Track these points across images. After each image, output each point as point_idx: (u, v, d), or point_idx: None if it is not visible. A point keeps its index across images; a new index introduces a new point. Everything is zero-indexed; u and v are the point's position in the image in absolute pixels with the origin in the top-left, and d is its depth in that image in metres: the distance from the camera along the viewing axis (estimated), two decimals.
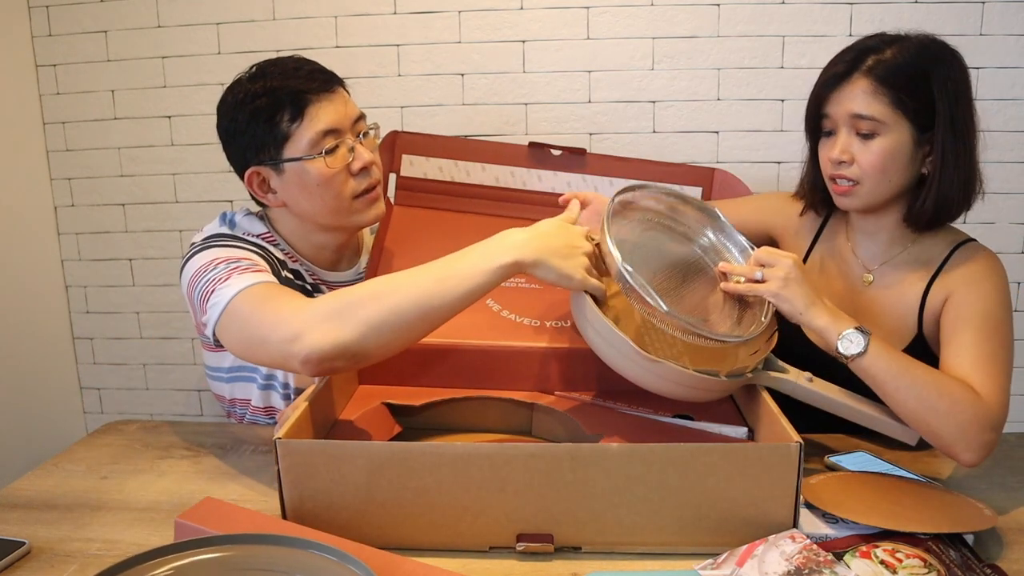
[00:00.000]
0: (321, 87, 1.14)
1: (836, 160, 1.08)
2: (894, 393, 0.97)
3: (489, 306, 1.20)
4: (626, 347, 0.94)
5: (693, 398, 0.99)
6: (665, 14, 1.77)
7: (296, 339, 0.94)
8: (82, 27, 1.88)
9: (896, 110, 1.03)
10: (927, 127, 1.04)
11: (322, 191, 1.15)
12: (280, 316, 0.98)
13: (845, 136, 1.07)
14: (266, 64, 1.17)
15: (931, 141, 1.05)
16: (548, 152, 1.44)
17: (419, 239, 1.34)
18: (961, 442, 0.96)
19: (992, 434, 0.97)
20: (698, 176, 1.43)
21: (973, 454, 0.96)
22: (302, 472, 0.85)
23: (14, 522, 0.96)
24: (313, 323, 0.94)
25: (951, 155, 1.04)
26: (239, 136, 1.16)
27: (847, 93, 1.05)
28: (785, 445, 0.82)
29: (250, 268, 1.08)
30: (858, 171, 1.07)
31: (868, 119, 1.04)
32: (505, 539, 0.86)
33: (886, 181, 1.07)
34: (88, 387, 2.11)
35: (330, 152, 1.14)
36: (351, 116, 1.17)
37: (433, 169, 1.44)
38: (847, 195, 1.09)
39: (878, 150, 1.05)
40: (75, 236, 2.01)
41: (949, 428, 0.96)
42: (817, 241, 1.24)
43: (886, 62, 1.04)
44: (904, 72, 1.03)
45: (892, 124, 1.04)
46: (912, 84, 1.03)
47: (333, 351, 0.93)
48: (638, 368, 0.95)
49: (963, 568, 0.79)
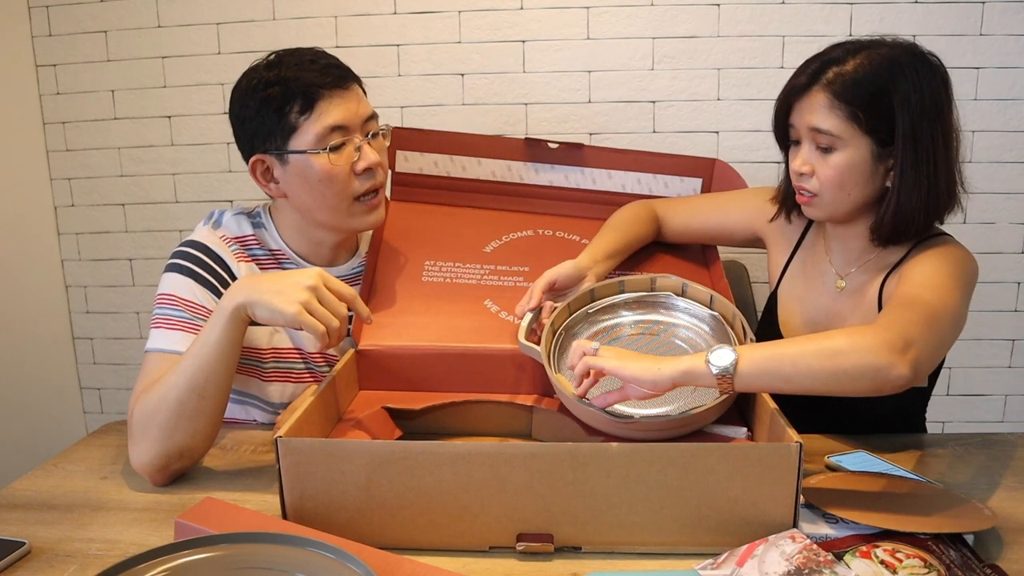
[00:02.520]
0: (335, 83, 1.14)
1: (797, 172, 1.08)
2: (792, 389, 0.88)
3: (487, 307, 1.20)
4: (597, 414, 0.96)
5: (690, 431, 0.99)
6: (665, 14, 1.77)
7: (130, 455, 1.04)
8: (82, 27, 1.88)
9: (852, 125, 1.02)
10: (887, 142, 1.03)
11: (323, 187, 1.15)
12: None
13: (807, 148, 1.07)
14: (284, 53, 1.16)
15: (893, 155, 1.03)
16: (545, 146, 1.42)
17: (416, 235, 1.34)
18: (874, 368, 0.86)
19: (901, 341, 0.87)
20: (697, 167, 1.41)
21: (895, 369, 0.86)
22: (303, 471, 0.85)
23: (14, 522, 0.96)
24: (131, 445, 1.04)
25: (911, 171, 1.02)
26: (248, 122, 1.16)
27: (807, 105, 1.04)
28: (785, 445, 0.82)
29: (176, 325, 1.12)
30: (816, 184, 1.07)
31: (825, 134, 1.03)
32: (505, 539, 0.86)
33: (844, 195, 1.06)
34: (88, 387, 2.11)
35: (336, 149, 1.14)
36: (362, 115, 1.16)
37: (428, 164, 1.43)
38: (808, 206, 1.10)
39: (835, 165, 1.04)
40: (75, 236, 2.01)
41: (854, 369, 0.86)
42: (799, 246, 1.25)
43: (844, 76, 1.02)
44: (862, 87, 1.01)
45: (849, 139, 1.02)
46: (870, 100, 1.01)
47: (156, 464, 1.02)
48: (619, 430, 0.97)
49: (963, 568, 0.79)
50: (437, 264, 1.29)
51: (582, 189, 1.42)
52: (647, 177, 1.41)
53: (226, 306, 1.00)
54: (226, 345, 1.01)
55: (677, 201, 1.34)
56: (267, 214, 1.26)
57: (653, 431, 0.97)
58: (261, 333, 1.21)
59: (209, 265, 1.17)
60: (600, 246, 1.21)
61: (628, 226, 1.27)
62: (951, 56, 1.74)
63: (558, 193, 1.42)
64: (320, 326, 0.98)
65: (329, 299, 1.00)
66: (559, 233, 1.38)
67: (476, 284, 1.25)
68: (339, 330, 1.00)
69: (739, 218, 1.28)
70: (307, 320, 0.97)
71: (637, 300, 1.15)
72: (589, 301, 1.14)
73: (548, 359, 1.04)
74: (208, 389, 1.01)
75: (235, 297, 1.00)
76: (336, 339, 1.00)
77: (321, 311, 0.99)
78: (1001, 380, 1.91)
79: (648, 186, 1.41)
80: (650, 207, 1.32)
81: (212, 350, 1.00)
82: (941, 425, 1.93)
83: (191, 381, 1.00)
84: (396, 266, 1.28)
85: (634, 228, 1.27)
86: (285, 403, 1.22)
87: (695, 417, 0.96)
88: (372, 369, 1.14)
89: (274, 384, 1.22)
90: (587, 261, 1.17)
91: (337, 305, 1.00)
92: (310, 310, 0.98)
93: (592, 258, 1.18)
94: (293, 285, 0.99)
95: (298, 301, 0.97)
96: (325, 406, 1.01)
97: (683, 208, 1.32)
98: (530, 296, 1.12)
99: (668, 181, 1.41)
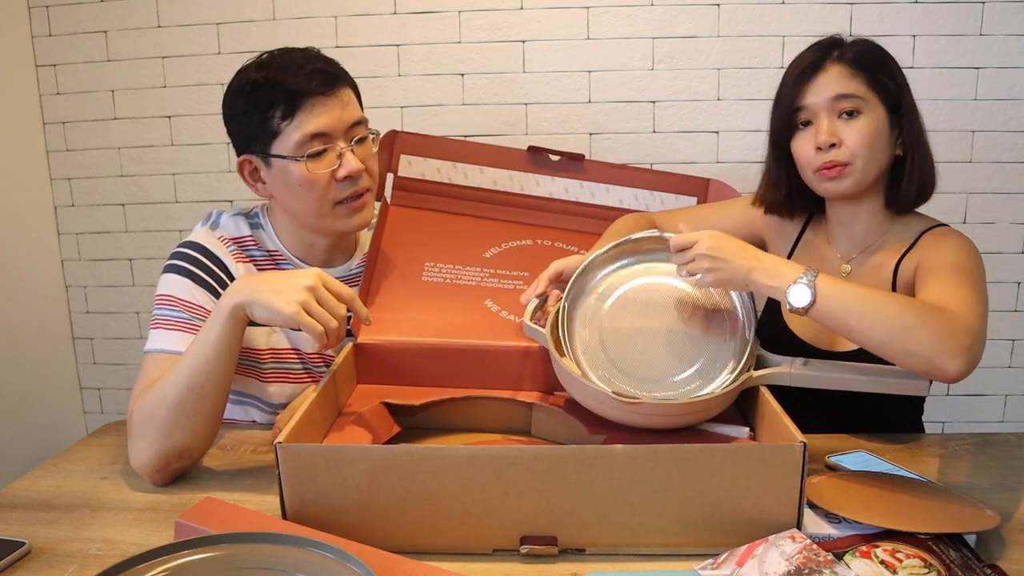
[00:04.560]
0: (319, 89, 1.12)
1: (825, 144, 1.08)
2: (859, 327, 0.93)
3: (488, 306, 1.20)
4: (603, 395, 0.95)
5: (692, 422, 0.99)
6: (665, 14, 1.77)
7: (129, 455, 1.04)
8: (82, 27, 1.88)
9: (872, 90, 1.08)
10: (895, 110, 1.10)
11: (303, 193, 1.15)
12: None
13: (827, 121, 1.09)
14: (275, 54, 1.16)
15: (899, 124, 1.10)
16: (546, 157, 1.44)
17: (415, 240, 1.34)
18: (939, 350, 0.91)
19: (968, 339, 0.92)
20: (693, 185, 1.45)
21: (955, 360, 0.91)
22: (303, 476, 0.84)
23: (14, 522, 0.96)
24: (130, 445, 1.04)
25: (918, 138, 1.10)
26: (236, 122, 1.16)
27: (823, 80, 1.09)
28: (789, 445, 0.82)
29: (175, 326, 1.12)
30: (847, 152, 1.08)
31: (851, 97, 1.08)
32: (509, 542, 0.86)
33: (873, 159, 1.09)
34: (88, 387, 2.11)
35: (315, 156, 1.13)
36: (346, 121, 1.15)
37: (431, 170, 1.44)
38: (838, 178, 1.10)
39: (863, 127, 1.08)
40: (75, 236, 2.01)
41: (923, 339, 0.91)
42: (798, 244, 1.26)
43: (854, 49, 1.10)
44: (871, 58, 1.10)
45: (871, 103, 1.08)
46: (881, 68, 1.09)
47: (155, 464, 1.02)
48: (624, 414, 0.96)
49: (963, 568, 0.79)
50: (437, 266, 1.29)
51: (581, 202, 1.44)
52: (644, 193, 1.44)
53: (225, 306, 1.00)
54: (225, 344, 1.01)
55: (674, 212, 1.36)
56: (265, 215, 1.26)
57: (657, 415, 0.96)
58: (259, 333, 1.20)
59: (207, 266, 1.17)
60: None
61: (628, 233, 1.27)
62: (951, 56, 1.74)
63: (557, 205, 1.45)
64: (318, 326, 0.98)
65: (328, 300, 1.00)
66: (558, 244, 1.39)
67: (476, 285, 1.25)
68: (337, 331, 1.00)
69: (737, 221, 1.29)
70: (305, 320, 0.97)
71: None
72: None
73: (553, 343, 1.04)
74: (207, 388, 1.01)
75: (234, 297, 1.00)
76: (334, 340, 1.00)
77: (319, 311, 0.98)
78: (1001, 380, 1.91)
79: (645, 202, 1.44)
80: (648, 218, 1.34)
81: (211, 349, 1.00)
82: (941, 425, 1.93)
83: (190, 380, 1.00)
84: (396, 266, 1.28)
85: None
86: (284, 403, 1.22)
87: (701, 404, 0.96)
88: (370, 363, 1.14)
89: (273, 384, 1.22)
90: None
91: (336, 306, 1.00)
92: (308, 310, 0.98)
93: None
94: (292, 285, 0.99)
95: (296, 301, 0.97)
96: (325, 403, 1.01)
97: (681, 218, 1.33)
98: (537, 283, 1.12)
99: (664, 198, 1.44)
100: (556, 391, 1.12)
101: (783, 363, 1.01)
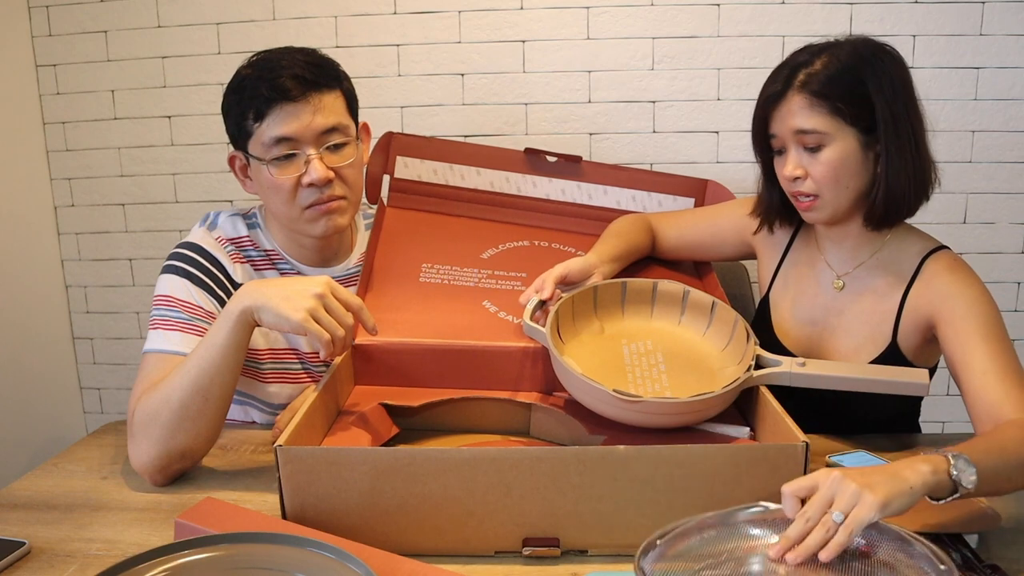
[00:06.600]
0: (289, 94, 1.10)
1: (790, 177, 1.08)
2: (1008, 486, 0.88)
3: (486, 307, 1.20)
4: (604, 394, 0.94)
5: (693, 422, 0.99)
6: (665, 14, 1.77)
7: (130, 455, 1.05)
8: (82, 27, 1.88)
9: (836, 118, 1.03)
10: (871, 129, 1.04)
11: (272, 194, 1.16)
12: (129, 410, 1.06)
13: (794, 153, 1.07)
14: (267, 54, 1.16)
15: (878, 141, 1.05)
16: (544, 158, 1.44)
17: (412, 242, 1.34)
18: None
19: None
20: (691, 187, 1.45)
21: None
22: (303, 479, 0.84)
23: (14, 522, 0.96)
24: (131, 445, 1.04)
25: (896, 152, 1.04)
26: (226, 117, 1.18)
27: (786, 111, 1.05)
28: (792, 445, 0.82)
29: (174, 326, 1.12)
30: (813, 185, 1.07)
31: (811, 132, 1.04)
32: (511, 543, 0.85)
33: (843, 189, 1.07)
34: (88, 387, 2.10)
35: (282, 160, 1.13)
36: (316, 128, 1.12)
37: (428, 172, 1.44)
38: (810, 210, 1.10)
39: (826, 161, 1.05)
40: (75, 236, 2.01)
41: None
42: (788, 252, 1.25)
43: (817, 75, 1.04)
44: (836, 81, 1.03)
45: (835, 133, 1.04)
46: (847, 90, 1.03)
47: (156, 464, 1.02)
48: (624, 412, 0.96)
49: (964, 568, 0.79)
50: (435, 267, 1.29)
51: (578, 204, 1.45)
52: (641, 195, 1.45)
53: (233, 309, 1.01)
54: (231, 348, 1.01)
55: (671, 215, 1.36)
56: (261, 215, 1.26)
57: (658, 415, 0.96)
58: (257, 334, 1.20)
59: (205, 266, 1.17)
60: (604, 249, 1.22)
61: (628, 234, 1.28)
62: (951, 56, 1.74)
63: (555, 207, 1.45)
64: (325, 334, 0.98)
65: (336, 308, 1.00)
66: (555, 245, 1.39)
67: (474, 286, 1.25)
68: (344, 340, 1.00)
69: (729, 226, 1.29)
70: (313, 328, 0.97)
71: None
72: (592, 299, 1.13)
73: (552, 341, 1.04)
74: (212, 391, 1.01)
75: (242, 300, 1.00)
76: (341, 348, 1.00)
77: (327, 319, 0.98)
78: None
79: (643, 204, 1.44)
80: (646, 219, 1.34)
81: (217, 352, 1.00)
82: (941, 425, 1.93)
83: (196, 383, 1.00)
84: (393, 267, 1.27)
85: (634, 236, 1.28)
86: (283, 403, 1.22)
87: (702, 403, 0.95)
88: (368, 364, 1.14)
89: (272, 385, 1.22)
90: (594, 259, 1.18)
91: (343, 315, 1.00)
92: (316, 318, 0.98)
93: (599, 257, 1.19)
94: (300, 292, 0.99)
95: (305, 308, 0.97)
96: (324, 405, 1.01)
97: (676, 222, 1.34)
98: (542, 284, 1.11)
99: (662, 199, 1.44)
100: (555, 391, 1.12)
101: (783, 363, 1.01)
